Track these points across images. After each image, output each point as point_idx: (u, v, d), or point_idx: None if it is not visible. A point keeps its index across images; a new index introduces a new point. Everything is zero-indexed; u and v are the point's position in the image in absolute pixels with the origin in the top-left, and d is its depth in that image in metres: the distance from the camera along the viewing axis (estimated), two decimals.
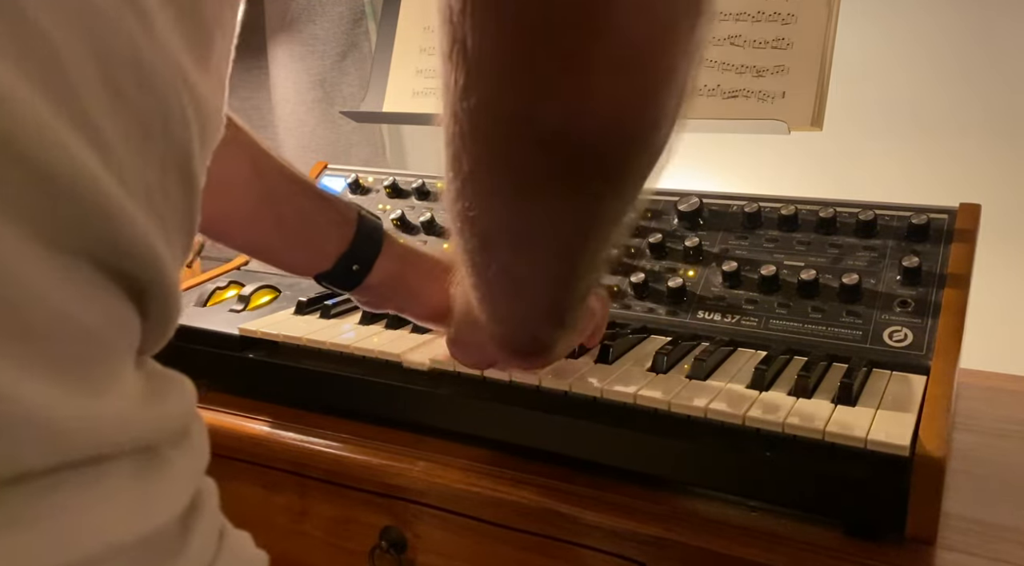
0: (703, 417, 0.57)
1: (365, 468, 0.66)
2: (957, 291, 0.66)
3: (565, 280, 0.42)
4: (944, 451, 0.51)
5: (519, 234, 0.38)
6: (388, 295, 0.66)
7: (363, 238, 0.63)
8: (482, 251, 0.39)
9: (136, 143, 0.28)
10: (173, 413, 0.32)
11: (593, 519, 0.57)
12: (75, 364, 0.26)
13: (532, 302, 0.44)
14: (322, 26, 1.27)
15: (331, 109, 1.29)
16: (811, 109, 0.78)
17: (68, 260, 0.26)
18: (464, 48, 0.30)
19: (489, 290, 0.43)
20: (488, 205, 0.36)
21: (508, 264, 0.40)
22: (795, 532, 0.54)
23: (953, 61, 0.98)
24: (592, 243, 0.39)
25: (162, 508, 0.30)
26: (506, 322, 0.47)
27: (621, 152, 0.33)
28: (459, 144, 0.34)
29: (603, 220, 0.38)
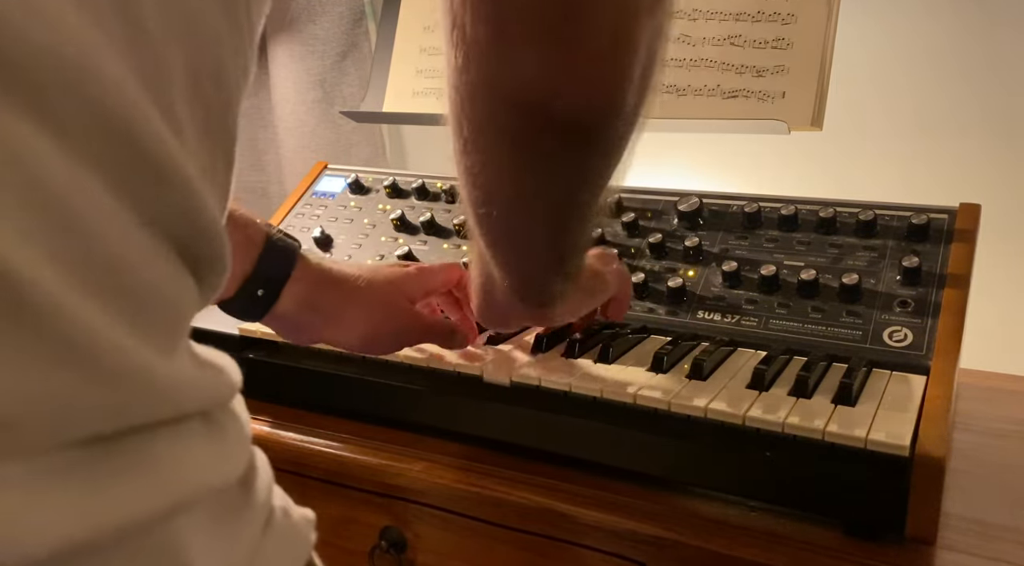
0: (703, 417, 0.57)
1: (365, 468, 0.66)
2: (957, 291, 0.66)
3: (559, 227, 0.47)
4: (944, 451, 0.51)
5: (514, 186, 0.44)
6: (304, 324, 0.61)
7: (269, 261, 0.58)
8: (486, 203, 0.45)
9: (201, 132, 0.31)
10: (228, 383, 0.35)
11: (593, 519, 0.57)
12: (165, 330, 0.29)
13: (532, 248, 0.49)
14: (322, 26, 1.27)
15: (331, 109, 1.29)
16: (811, 109, 0.78)
17: (156, 234, 0.28)
18: (463, 32, 0.36)
19: (495, 238, 0.48)
20: (487, 162, 0.43)
21: (508, 212, 0.45)
22: (795, 532, 0.54)
23: (953, 61, 0.98)
24: (579, 195, 0.45)
25: (232, 462, 0.34)
26: (515, 271, 0.51)
27: (597, 117, 0.40)
28: (459, 113, 0.40)
29: (588, 174, 0.44)
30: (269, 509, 0.37)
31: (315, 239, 0.91)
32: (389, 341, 0.64)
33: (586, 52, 0.37)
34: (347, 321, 0.61)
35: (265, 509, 0.36)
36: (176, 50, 0.29)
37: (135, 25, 0.27)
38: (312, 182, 1.01)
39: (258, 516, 0.35)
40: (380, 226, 0.92)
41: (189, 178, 0.29)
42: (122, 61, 0.26)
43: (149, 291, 0.28)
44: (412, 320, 0.63)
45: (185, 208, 0.29)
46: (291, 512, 0.39)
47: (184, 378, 0.30)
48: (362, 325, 0.61)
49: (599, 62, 0.37)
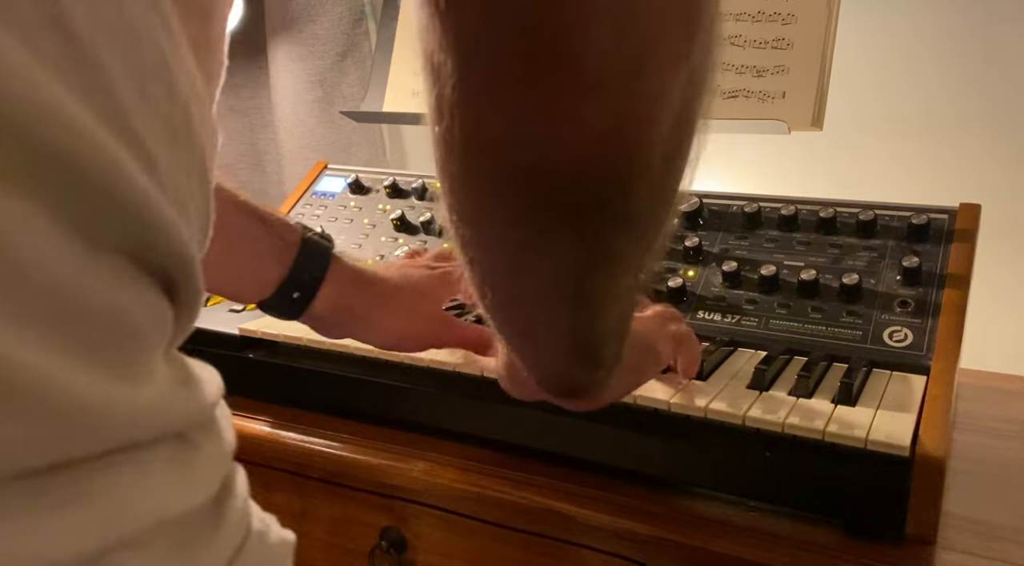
0: (703, 417, 0.57)
1: (365, 468, 0.66)
2: (957, 291, 0.66)
3: (577, 321, 0.37)
4: (944, 451, 0.51)
5: (511, 265, 0.34)
6: (338, 324, 0.63)
7: (305, 265, 0.60)
8: (479, 279, 0.36)
9: (167, 148, 0.29)
10: (201, 401, 0.33)
11: (593, 519, 0.57)
12: (120, 356, 0.27)
13: (545, 342, 0.40)
14: (322, 26, 1.27)
15: (331, 109, 1.29)
16: (811, 109, 0.78)
17: (115, 259, 0.27)
18: (432, 67, 0.28)
19: (499, 326, 0.39)
20: (475, 233, 0.33)
21: (505, 295, 0.36)
22: (795, 532, 0.54)
23: (953, 61, 0.98)
24: (598, 278, 0.35)
25: (198, 489, 0.32)
26: (531, 363, 0.43)
27: (607, 185, 0.30)
28: (440, 169, 0.32)
29: (606, 255, 0.33)
30: (244, 532, 0.35)
31: None
32: (418, 343, 0.65)
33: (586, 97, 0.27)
34: (379, 323, 0.63)
35: (238, 533, 0.34)
36: (115, 62, 0.26)
37: (69, 41, 0.25)
38: (312, 182, 1.01)
39: (227, 541, 0.33)
40: (380, 226, 0.92)
41: (151, 203, 0.27)
42: (57, 80, 0.24)
43: (101, 317, 0.26)
44: (441, 325, 0.65)
45: (145, 229, 0.28)
46: (268, 536, 0.37)
47: (148, 405, 0.29)
48: (394, 327, 0.63)
49: (604, 111, 0.27)
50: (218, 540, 0.32)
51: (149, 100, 0.28)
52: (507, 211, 0.31)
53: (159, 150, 0.28)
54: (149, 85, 0.28)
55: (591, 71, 0.26)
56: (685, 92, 0.29)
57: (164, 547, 0.29)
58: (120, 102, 0.27)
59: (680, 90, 0.29)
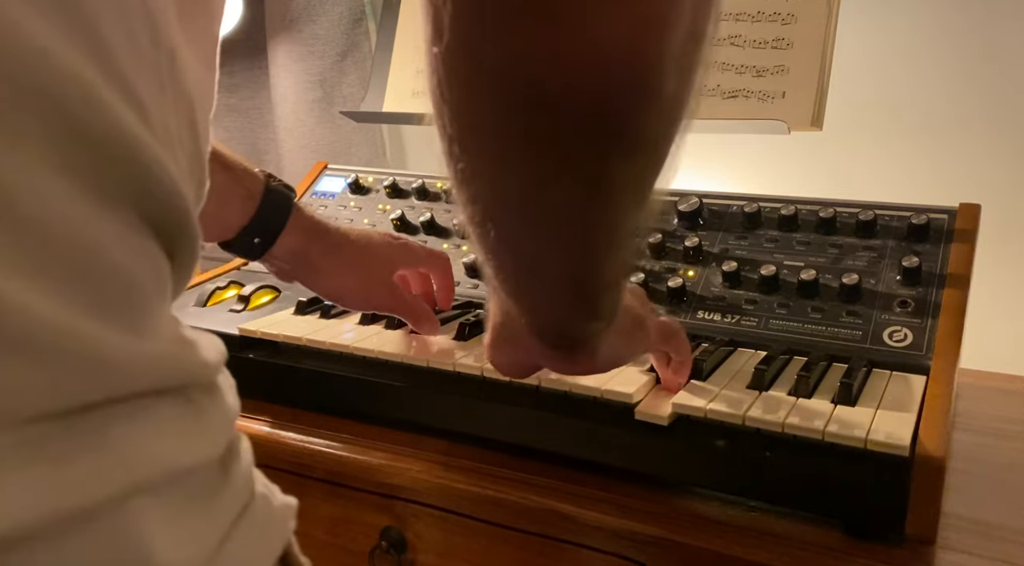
0: (703, 417, 0.57)
1: (365, 468, 0.66)
2: (957, 291, 0.66)
3: (582, 257, 0.36)
4: (944, 451, 0.51)
5: (517, 198, 0.33)
6: (291, 269, 0.68)
7: (266, 213, 0.65)
8: (481, 216, 0.34)
9: (155, 94, 0.30)
10: (203, 361, 0.34)
11: (593, 519, 0.57)
12: (120, 306, 0.28)
13: (548, 280, 0.38)
14: (322, 26, 1.27)
15: (331, 109, 1.29)
16: (811, 109, 0.78)
17: (115, 211, 0.28)
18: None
19: (500, 265, 0.38)
20: (479, 166, 0.32)
21: (510, 232, 0.35)
22: (795, 532, 0.54)
23: (953, 61, 0.98)
24: (606, 214, 0.34)
25: (205, 444, 0.33)
26: (531, 306, 0.41)
27: (622, 102, 0.28)
28: (439, 100, 0.30)
29: (614, 185, 0.32)
30: (248, 494, 0.36)
31: None
32: (361, 301, 0.70)
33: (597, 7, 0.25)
34: (329, 272, 0.68)
35: (243, 495, 0.35)
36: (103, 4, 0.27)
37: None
38: (312, 182, 1.01)
39: (234, 501, 0.34)
40: (380, 226, 0.92)
41: (144, 146, 0.28)
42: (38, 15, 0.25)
43: (105, 270, 0.27)
44: (389, 290, 0.70)
45: (144, 182, 0.28)
46: (272, 499, 0.38)
47: (150, 355, 0.29)
48: (343, 280, 0.68)
49: (624, 18, 0.26)
50: (226, 497, 0.34)
51: (135, 43, 0.28)
52: (513, 135, 0.30)
53: (147, 95, 0.29)
54: (135, 28, 0.29)
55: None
56: (697, 3, 0.28)
57: (179, 496, 0.30)
58: (107, 42, 0.27)
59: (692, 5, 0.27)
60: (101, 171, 0.27)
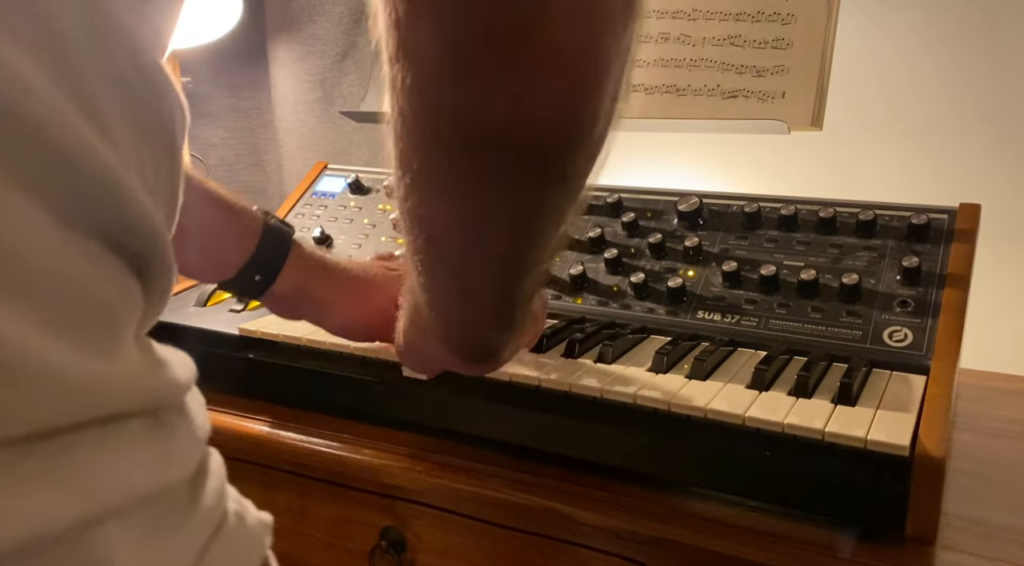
0: (703, 417, 0.57)
1: (365, 468, 0.66)
2: (957, 291, 0.66)
3: (511, 277, 0.42)
4: (944, 451, 0.51)
5: (465, 230, 0.38)
6: (295, 306, 0.67)
7: (266, 249, 0.64)
8: (430, 247, 0.40)
9: (132, 123, 0.30)
10: (173, 382, 0.34)
11: (593, 519, 0.57)
12: (88, 330, 0.28)
13: (480, 300, 0.43)
14: (322, 26, 1.27)
15: (331, 109, 1.29)
16: (811, 109, 0.78)
17: (80, 235, 0.28)
18: (408, 50, 0.31)
19: (438, 289, 0.43)
20: (435, 202, 0.37)
21: (455, 261, 0.40)
22: (795, 532, 0.54)
23: (953, 61, 0.98)
24: (536, 238, 0.39)
25: (174, 465, 0.33)
26: (456, 324, 0.47)
27: (561, 150, 0.34)
28: (406, 142, 0.35)
29: (546, 215, 0.38)
30: (221, 513, 0.36)
31: (315, 239, 0.91)
32: (366, 333, 0.68)
33: (550, 74, 0.31)
34: (332, 307, 0.66)
35: (215, 514, 0.35)
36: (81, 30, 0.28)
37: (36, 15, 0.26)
38: (312, 182, 1.01)
39: (205, 521, 0.34)
40: (380, 226, 0.92)
41: (116, 176, 0.28)
42: (17, 46, 0.25)
43: (74, 293, 0.27)
44: (390, 320, 0.67)
45: (112, 205, 0.29)
46: (246, 517, 0.38)
47: (117, 379, 0.29)
48: (346, 313, 0.66)
49: (565, 86, 0.32)
50: (196, 519, 0.33)
51: (117, 73, 0.29)
52: (471, 181, 0.35)
53: (119, 123, 0.29)
54: (117, 58, 0.29)
55: (563, 50, 0.30)
56: (621, 65, 0.33)
57: (145, 521, 0.30)
58: (81, 72, 0.27)
59: (619, 63, 0.33)
60: (71, 196, 0.27)
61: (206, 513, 0.34)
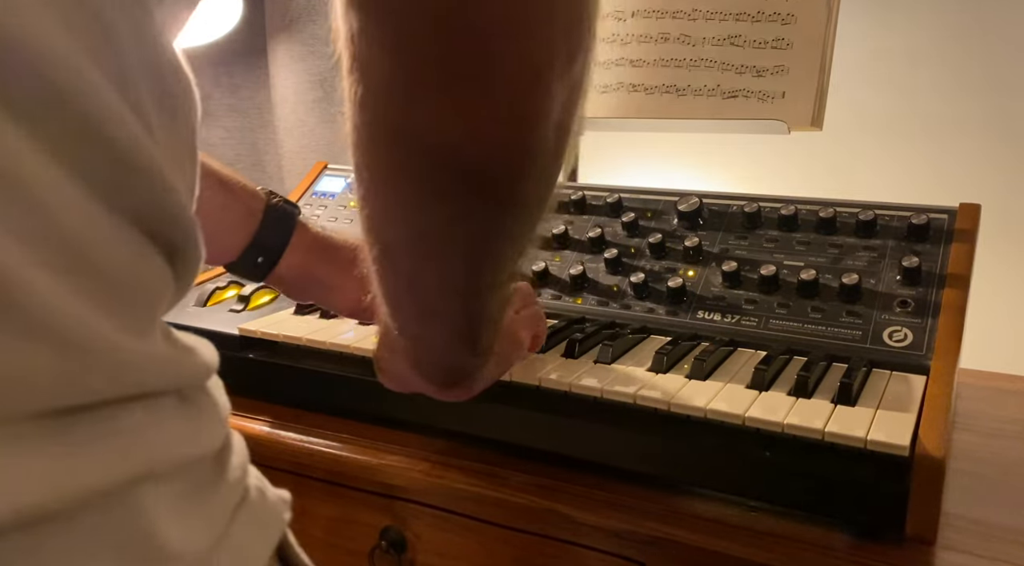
0: (703, 417, 0.57)
1: (365, 468, 0.66)
2: (957, 291, 0.66)
3: (469, 297, 0.42)
4: (944, 451, 0.51)
5: (416, 243, 0.39)
6: (301, 287, 0.66)
7: (268, 231, 0.62)
8: (384, 258, 0.40)
9: (166, 116, 0.31)
10: (200, 363, 0.36)
11: (593, 519, 0.57)
12: (132, 310, 0.30)
13: (439, 320, 0.44)
14: (322, 26, 1.27)
15: (331, 109, 1.29)
16: (811, 109, 0.78)
17: (124, 218, 0.29)
18: (360, 64, 0.32)
19: (397, 305, 0.43)
20: (387, 213, 0.38)
21: (409, 273, 0.41)
22: (795, 532, 0.54)
23: (953, 61, 0.98)
24: (492, 259, 0.40)
25: (203, 439, 0.34)
26: (419, 345, 0.47)
27: (505, 176, 0.35)
28: (358, 155, 0.36)
29: (501, 236, 0.39)
30: (244, 488, 0.37)
31: None
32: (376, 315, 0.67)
33: (492, 103, 0.32)
34: (342, 288, 0.65)
35: (239, 488, 0.37)
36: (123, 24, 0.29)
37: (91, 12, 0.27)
38: (312, 182, 1.01)
39: (231, 494, 0.36)
40: None
41: (159, 169, 0.30)
42: (76, 44, 0.26)
43: (117, 274, 0.29)
44: None
45: (155, 198, 0.30)
46: (266, 492, 0.40)
47: (155, 358, 0.31)
48: (354, 294, 0.64)
49: (506, 119, 0.33)
50: (223, 490, 0.35)
51: (149, 66, 0.30)
52: (420, 195, 0.36)
53: (156, 115, 0.31)
54: (150, 52, 0.30)
55: (504, 80, 0.32)
56: (567, 100, 0.34)
57: (182, 485, 0.32)
58: (124, 64, 0.29)
59: (562, 98, 0.34)
60: (114, 179, 0.28)
61: (231, 486, 0.36)
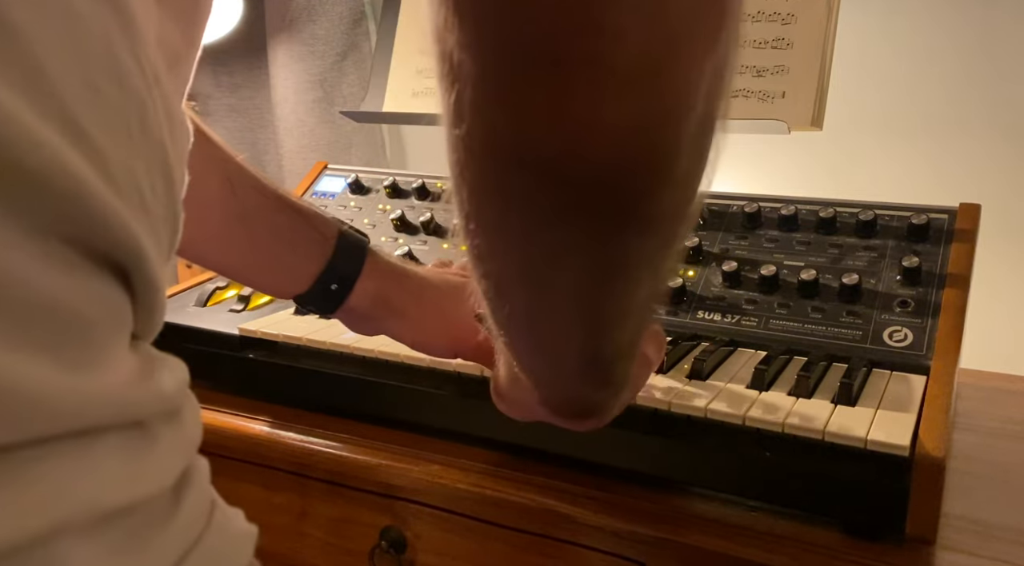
0: (703, 417, 0.57)
1: (365, 468, 0.66)
2: (957, 291, 0.66)
3: (594, 329, 0.36)
4: (944, 451, 0.51)
5: (530, 275, 0.33)
6: (374, 317, 0.62)
7: (342, 257, 0.59)
8: (495, 293, 0.35)
9: (119, 140, 0.29)
10: (166, 393, 0.33)
11: (593, 519, 0.57)
12: (63, 342, 0.27)
13: (558, 354, 0.39)
14: (322, 26, 1.27)
15: (331, 109, 1.29)
16: (811, 109, 0.78)
17: (52, 246, 0.26)
18: (451, 68, 0.27)
19: (512, 342, 0.39)
20: (494, 243, 0.32)
21: (523, 309, 0.35)
22: (795, 532, 0.54)
23: (953, 60, 0.98)
24: (619, 288, 0.34)
25: (150, 479, 0.31)
26: (537, 378, 0.42)
27: (634, 185, 0.29)
28: (456, 174, 0.31)
29: (628, 262, 0.32)
30: (202, 524, 0.34)
31: None
32: (449, 346, 0.63)
33: (615, 94, 0.26)
34: (415, 318, 0.61)
35: (196, 527, 0.34)
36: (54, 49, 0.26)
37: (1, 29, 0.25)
38: (312, 182, 1.01)
39: (187, 532, 0.33)
40: (380, 226, 0.92)
41: (89, 189, 0.27)
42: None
43: (47, 306, 0.26)
44: (473, 333, 0.60)
45: (85, 219, 0.27)
46: (228, 528, 0.36)
47: (97, 394, 0.28)
48: (429, 324, 0.62)
49: (635, 109, 0.26)
50: (173, 531, 0.32)
51: (93, 88, 0.28)
52: (528, 217, 0.30)
53: (104, 139, 0.28)
54: (94, 73, 0.28)
55: (618, 69, 0.25)
56: (710, 87, 0.28)
57: (113, 536, 0.28)
58: (56, 86, 0.26)
59: (706, 85, 0.27)
60: (41, 210, 0.26)
61: (186, 524, 0.33)
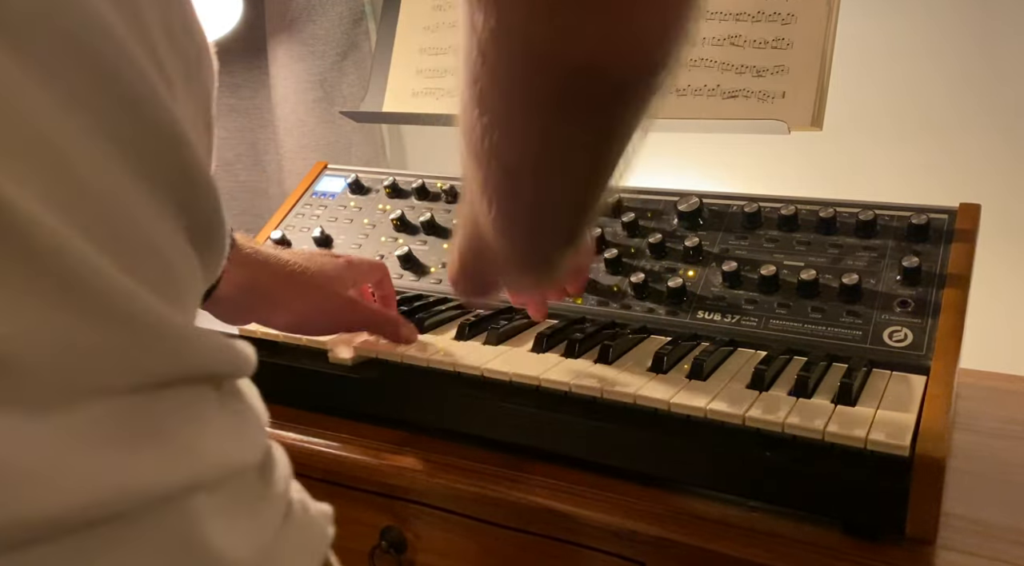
0: (703, 417, 0.57)
1: (365, 468, 0.66)
2: (957, 291, 0.66)
3: (583, 202, 0.42)
4: (944, 451, 0.51)
5: (544, 162, 0.39)
6: (244, 306, 0.63)
7: None
8: (508, 182, 0.40)
9: (183, 81, 0.31)
10: (239, 352, 0.34)
11: (593, 519, 0.57)
12: (166, 282, 0.29)
13: (553, 225, 0.44)
14: (322, 26, 1.27)
15: (331, 109, 1.29)
16: (811, 109, 0.78)
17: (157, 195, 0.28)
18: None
19: (513, 219, 0.43)
20: (515, 137, 0.37)
21: (533, 192, 0.41)
22: (795, 532, 0.54)
23: (953, 61, 0.98)
24: (608, 164, 0.40)
25: (248, 445, 0.33)
26: (526, 246, 0.47)
27: (644, 79, 0.34)
28: (486, 81, 0.35)
29: (619, 141, 0.38)
30: (288, 501, 0.37)
31: (315, 239, 0.91)
32: (325, 324, 0.66)
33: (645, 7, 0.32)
34: (286, 302, 0.63)
35: (283, 500, 0.36)
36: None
37: None
38: (312, 182, 1.01)
39: (277, 506, 0.35)
40: (380, 226, 0.92)
41: (181, 128, 0.29)
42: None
43: (148, 244, 0.28)
44: (348, 305, 0.65)
45: (178, 161, 0.29)
46: (309, 507, 0.39)
47: (195, 333, 0.30)
48: (302, 306, 0.64)
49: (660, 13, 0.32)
50: (269, 502, 0.34)
51: (174, 40, 0.30)
52: (549, 108, 0.35)
53: (176, 78, 0.30)
54: (171, 18, 0.30)
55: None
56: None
57: (231, 497, 0.30)
58: (150, 32, 0.28)
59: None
60: (145, 147, 0.28)
61: (275, 499, 0.35)
